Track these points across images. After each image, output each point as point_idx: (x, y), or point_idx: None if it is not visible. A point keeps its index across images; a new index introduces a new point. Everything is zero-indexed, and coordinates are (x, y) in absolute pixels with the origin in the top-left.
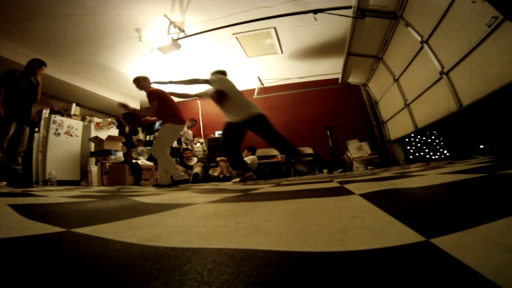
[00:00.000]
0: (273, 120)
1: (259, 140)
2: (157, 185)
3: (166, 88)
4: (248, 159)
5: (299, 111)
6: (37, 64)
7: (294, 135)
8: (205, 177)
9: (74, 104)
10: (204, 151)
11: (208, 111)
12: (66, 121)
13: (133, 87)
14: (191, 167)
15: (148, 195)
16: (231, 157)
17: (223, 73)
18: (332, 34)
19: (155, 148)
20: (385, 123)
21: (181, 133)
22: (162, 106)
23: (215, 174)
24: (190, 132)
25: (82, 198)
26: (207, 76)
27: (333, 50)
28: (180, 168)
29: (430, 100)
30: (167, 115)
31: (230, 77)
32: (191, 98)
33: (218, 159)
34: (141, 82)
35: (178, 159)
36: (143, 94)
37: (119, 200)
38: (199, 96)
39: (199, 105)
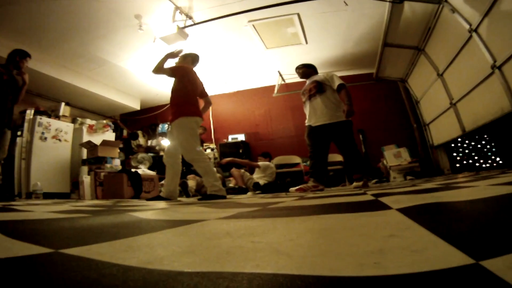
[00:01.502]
0: (297, 122)
1: (276, 145)
2: (207, 197)
3: None
4: (262, 164)
5: None
6: (19, 56)
7: None
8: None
9: (63, 104)
10: (215, 158)
11: (220, 112)
12: (54, 123)
13: (133, 83)
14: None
15: (150, 210)
16: (317, 164)
17: (312, 67)
18: (366, 21)
19: (189, 149)
20: (427, 126)
21: None
22: (184, 89)
23: (230, 185)
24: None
25: (73, 214)
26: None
27: (366, 41)
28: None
29: (480, 99)
30: (182, 104)
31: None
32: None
33: (226, 160)
34: (185, 58)
35: (184, 168)
36: (144, 93)
37: (116, 216)
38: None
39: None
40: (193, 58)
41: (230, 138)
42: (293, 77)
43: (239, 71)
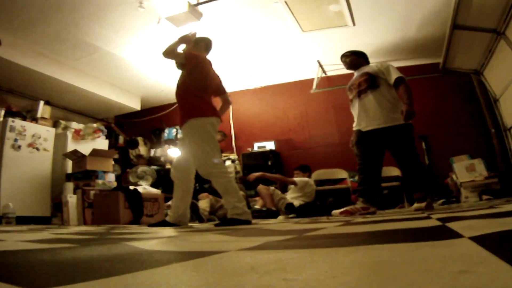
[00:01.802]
0: (342, 126)
1: (315, 155)
2: (227, 222)
3: None
4: (300, 181)
5: None
6: None
7: None
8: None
9: (41, 103)
10: (237, 172)
11: (243, 113)
12: (30, 127)
13: (132, 77)
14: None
15: (153, 239)
16: (368, 179)
17: (363, 55)
18: None
19: (205, 160)
20: (509, 131)
21: None
22: (195, 82)
23: (256, 206)
24: None
25: (54, 244)
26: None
27: (430, 22)
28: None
29: None
30: (193, 101)
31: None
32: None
33: (255, 175)
34: (197, 44)
35: (197, 184)
36: (146, 89)
37: (110, 247)
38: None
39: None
40: (206, 44)
41: (256, 146)
42: (337, 68)
43: (268, 61)
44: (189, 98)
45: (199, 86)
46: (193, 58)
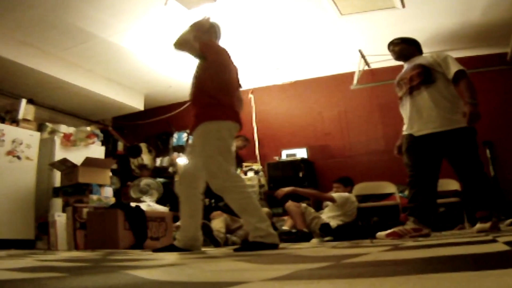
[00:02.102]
0: (389, 129)
1: (356, 165)
2: (248, 246)
3: None
4: (339, 196)
5: None
6: None
7: None
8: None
9: (23, 101)
10: (261, 186)
11: (268, 113)
12: (10, 131)
13: (133, 70)
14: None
15: (159, 267)
16: (422, 199)
17: (415, 44)
18: None
19: (216, 171)
20: None
21: None
22: (217, 77)
23: (284, 227)
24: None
25: (39, 272)
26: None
27: (497, 4)
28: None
29: None
30: (209, 101)
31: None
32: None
33: (286, 190)
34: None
35: (212, 201)
36: (150, 85)
37: (106, 276)
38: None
39: (252, 103)
40: (216, 30)
41: (285, 154)
42: (383, 60)
43: (298, 51)
44: (203, 99)
45: (215, 83)
46: (212, 48)
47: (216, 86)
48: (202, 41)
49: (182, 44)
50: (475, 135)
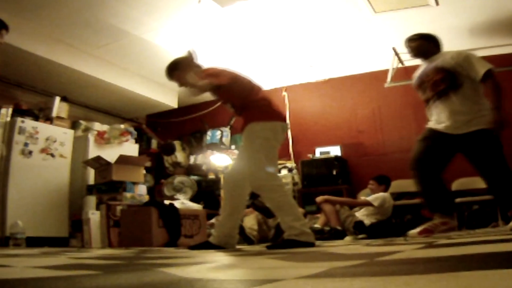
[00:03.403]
0: (422, 126)
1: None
2: (283, 244)
3: None
4: (375, 199)
5: None
6: None
7: None
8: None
9: (57, 99)
10: (295, 183)
11: (301, 111)
12: (44, 129)
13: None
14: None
15: (193, 265)
16: (426, 187)
17: (433, 40)
18: None
19: (255, 169)
20: None
21: None
22: (237, 88)
23: (317, 225)
24: None
25: (72, 270)
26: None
27: None
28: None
29: None
30: (250, 102)
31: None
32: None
33: (319, 199)
34: (183, 70)
35: (252, 200)
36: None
37: (140, 274)
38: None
39: (286, 100)
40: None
41: (319, 152)
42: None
43: (332, 49)
44: (245, 106)
45: (246, 92)
46: (216, 74)
47: (248, 93)
48: (204, 74)
49: (201, 90)
50: (498, 136)
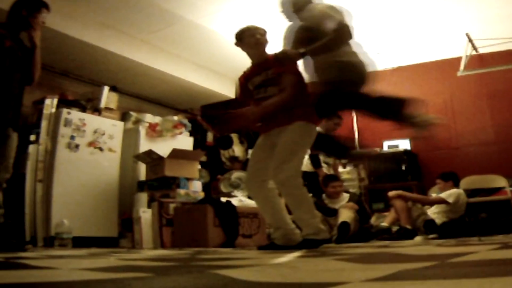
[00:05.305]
0: (498, 119)
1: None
2: (301, 244)
3: None
4: (449, 195)
5: None
6: (28, 8)
7: None
8: (363, 231)
9: (106, 88)
10: (361, 179)
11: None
12: (92, 120)
13: (223, 55)
14: (335, 213)
15: (251, 266)
16: None
17: None
18: None
19: (289, 165)
20: None
21: None
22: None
23: (384, 224)
24: None
25: (122, 273)
26: None
27: None
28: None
29: None
30: (302, 104)
31: None
32: None
33: (392, 194)
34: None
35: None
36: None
37: (195, 276)
38: None
39: None
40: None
41: (386, 146)
42: (492, 44)
43: (400, 35)
44: (301, 99)
45: (306, 86)
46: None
47: (304, 90)
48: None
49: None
50: None
